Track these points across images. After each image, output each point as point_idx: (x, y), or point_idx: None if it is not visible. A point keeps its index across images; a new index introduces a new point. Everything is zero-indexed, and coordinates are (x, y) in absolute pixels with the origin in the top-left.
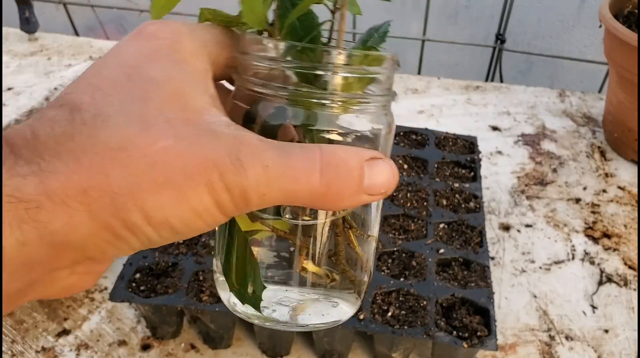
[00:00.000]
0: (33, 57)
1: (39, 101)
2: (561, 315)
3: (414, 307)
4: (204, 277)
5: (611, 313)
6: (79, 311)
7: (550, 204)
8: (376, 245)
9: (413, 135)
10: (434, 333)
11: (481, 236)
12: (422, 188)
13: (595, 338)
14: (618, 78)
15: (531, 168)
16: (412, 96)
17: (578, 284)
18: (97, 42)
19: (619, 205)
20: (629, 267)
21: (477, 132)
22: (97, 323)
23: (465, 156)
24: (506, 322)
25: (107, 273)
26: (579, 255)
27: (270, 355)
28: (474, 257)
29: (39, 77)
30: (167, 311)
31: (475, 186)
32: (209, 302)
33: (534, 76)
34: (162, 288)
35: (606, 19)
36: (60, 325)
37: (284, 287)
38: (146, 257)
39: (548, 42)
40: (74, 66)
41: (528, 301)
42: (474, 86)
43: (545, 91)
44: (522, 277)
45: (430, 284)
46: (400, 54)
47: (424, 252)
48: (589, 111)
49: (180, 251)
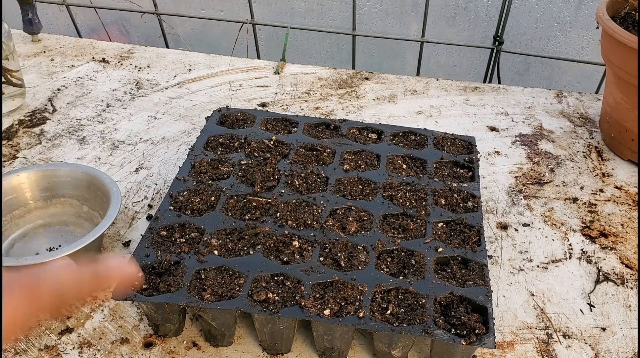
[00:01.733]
0: (36, 58)
1: (42, 102)
2: (558, 313)
3: (412, 305)
4: (205, 275)
5: (608, 312)
6: (82, 310)
7: (547, 203)
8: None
9: (412, 135)
10: (432, 331)
11: (479, 235)
12: (421, 188)
13: (593, 336)
14: (615, 79)
15: (529, 167)
16: (411, 97)
17: (575, 283)
18: (100, 43)
19: (616, 205)
20: (626, 266)
21: (475, 133)
22: (99, 321)
23: (463, 156)
24: (504, 319)
25: None
26: (576, 254)
27: (271, 352)
28: (472, 256)
29: (42, 78)
30: (169, 310)
31: (473, 186)
32: (211, 300)
33: (532, 77)
34: (164, 286)
35: (603, 20)
36: (63, 323)
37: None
38: (148, 256)
39: (545, 43)
40: (76, 67)
41: (525, 299)
42: (472, 87)
43: (543, 91)
44: (519, 276)
45: (429, 282)
46: (400, 56)
47: (423, 251)
48: (586, 112)
49: (182, 250)
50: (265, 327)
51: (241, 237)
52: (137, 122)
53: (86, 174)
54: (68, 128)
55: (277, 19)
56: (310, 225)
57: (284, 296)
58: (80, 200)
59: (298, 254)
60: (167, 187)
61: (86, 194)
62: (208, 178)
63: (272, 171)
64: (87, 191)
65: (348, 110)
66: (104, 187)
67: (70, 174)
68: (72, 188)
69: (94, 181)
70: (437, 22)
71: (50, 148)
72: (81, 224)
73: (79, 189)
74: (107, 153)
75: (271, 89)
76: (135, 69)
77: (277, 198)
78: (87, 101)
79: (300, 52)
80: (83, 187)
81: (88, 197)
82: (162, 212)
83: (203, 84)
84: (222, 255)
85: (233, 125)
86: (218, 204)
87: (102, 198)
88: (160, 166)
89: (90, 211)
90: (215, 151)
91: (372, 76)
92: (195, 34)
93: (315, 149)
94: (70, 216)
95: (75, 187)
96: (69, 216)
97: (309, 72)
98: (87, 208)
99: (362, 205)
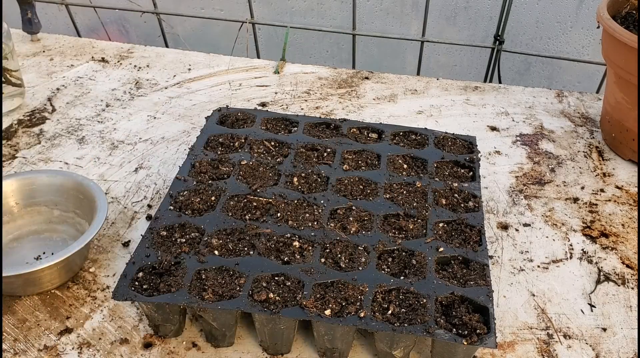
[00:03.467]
0: (35, 58)
1: (41, 102)
2: (559, 314)
3: (414, 305)
4: (206, 275)
5: (609, 312)
6: (81, 310)
7: (548, 203)
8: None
9: (413, 135)
10: (434, 331)
11: (480, 235)
12: (422, 188)
13: (594, 337)
14: (616, 78)
15: (529, 167)
16: (412, 97)
17: (576, 283)
18: (100, 43)
19: (616, 204)
20: (627, 266)
21: (476, 133)
22: (99, 321)
23: (464, 155)
24: (504, 320)
25: (110, 272)
26: (577, 254)
27: (272, 353)
28: (473, 256)
29: (41, 77)
30: (169, 310)
31: (474, 186)
32: (212, 300)
33: (532, 77)
34: (164, 286)
35: (604, 19)
36: (62, 323)
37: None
38: (149, 256)
39: (546, 43)
40: (76, 66)
41: (526, 299)
42: (473, 87)
43: (543, 91)
44: (520, 276)
45: (430, 282)
46: (400, 55)
47: (424, 251)
48: (586, 111)
49: (182, 250)
50: (266, 327)
51: (242, 237)
52: (136, 122)
53: (50, 177)
54: (67, 128)
55: (276, 19)
56: (311, 225)
57: (284, 296)
58: (49, 205)
59: (299, 254)
60: (167, 187)
61: (55, 198)
62: (208, 177)
63: (273, 170)
64: (55, 194)
65: (348, 110)
66: (81, 187)
67: (33, 181)
68: (38, 195)
69: (65, 182)
70: (437, 22)
71: (49, 148)
72: (55, 229)
73: (47, 195)
74: (107, 152)
75: (271, 89)
76: (135, 69)
77: (277, 198)
78: (87, 100)
79: (300, 52)
80: (51, 191)
81: (58, 200)
82: (162, 212)
83: (203, 84)
84: (222, 255)
85: (233, 125)
86: (218, 204)
87: (76, 197)
88: (159, 166)
89: (63, 213)
90: (215, 150)
91: (372, 76)
92: (195, 34)
93: (315, 149)
94: (41, 224)
95: (41, 193)
96: (39, 224)
97: (309, 71)
98: (59, 212)
99: (362, 205)
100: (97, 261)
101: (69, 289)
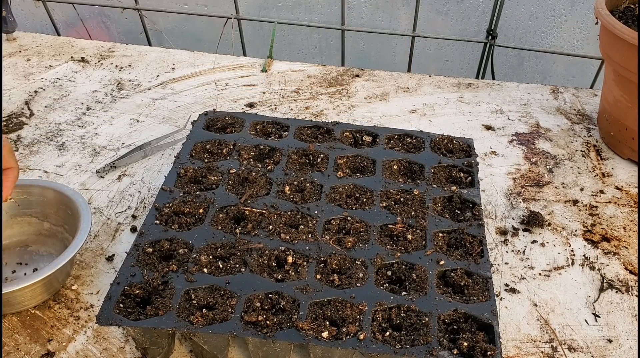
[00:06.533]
0: (11, 59)
1: (18, 105)
2: (563, 325)
3: (415, 324)
4: (195, 295)
5: (614, 322)
6: (64, 332)
7: (547, 206)
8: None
9: (408, 138)
10: (437, 353)
11: (482, 245)
12: (420, 195)
13: (599, 349)
14: (614, 76)
15: (527, 168)
16: (404, 95)
17: (579, 291)
18: (79, 41)
19: (617, 206)
20: (630, 272)
21: (471, 132)
22: (82, 343)
23: (462, 159)
24: (507, 333)
25: (93, 289)
26: (578, 260)
27: None
28: (475, 268)
29: (18, 79)
30: (157, 334)
31: (473, 193)
32: (202, 323)
33: (526, 71)
34: (152, 309)
35: (603, 15)
36: (43, 346)
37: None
38: (134, 275)
39: (540, 37)
40: (54, 67)
41: (529, 310)
42: (466, 84)
43: (538, 87)
44: (521, 285)
45: (432, 298)
46: (390, 50)
47: (424, 264)
48: (582, 108)
49: (170, 269)
50: (260, 350)
51: (232, 253)
52: (118, 126)
53: (42, 188)
54: (47, 133)
55: (262, 14)
56: (305, 238)
57: (279, 317)
58: (40, 217)
59: (293, 270)
60: (152, 196)
61: (47, 210)
62: (196, 188)
63: (264, 179)
64: (47, 206)
65: (339, 109)
66: (70, 203)
67: (26, 191)
68: (30, 205)
69: (56, 195)
70: (428, 16)
71: (27, 155)
72: (43, 241)
73: (38, 206)
74: (88, 159)
75: (259, 88)
76: (116, 69)
77: (269, 209)
78: (66, 103)
79: (288, 48)
80: (42, 203)
81: (49, 213)
82: (147, 227)
83: (187, 84)
84: (212, 273)
85: (220, 130)
86: (207, 216)
87: (65, 212)
88: (144, 172)
89: (53, 227)
90: (202, 158)
91: (363, 73)
92: (178, 29)
93: (308, 155)
94: (30, 235)
95: (33, 204)
96: (28, 235)
97: (298, 69)
98: (49, 225)
99: (358, 215)
100: (80, 277)
101: (50, 308)
